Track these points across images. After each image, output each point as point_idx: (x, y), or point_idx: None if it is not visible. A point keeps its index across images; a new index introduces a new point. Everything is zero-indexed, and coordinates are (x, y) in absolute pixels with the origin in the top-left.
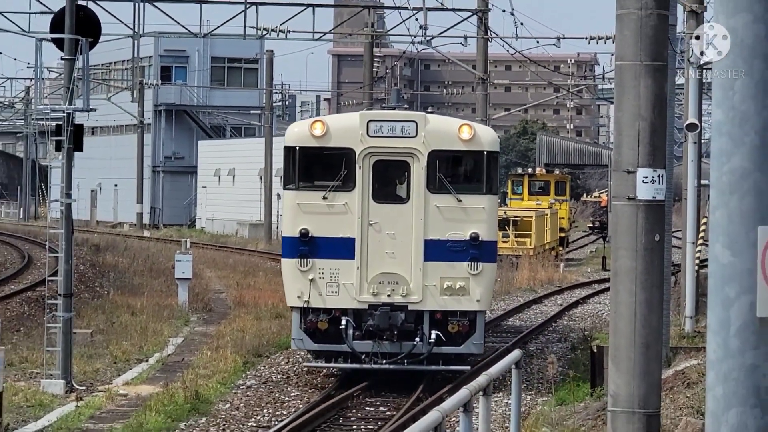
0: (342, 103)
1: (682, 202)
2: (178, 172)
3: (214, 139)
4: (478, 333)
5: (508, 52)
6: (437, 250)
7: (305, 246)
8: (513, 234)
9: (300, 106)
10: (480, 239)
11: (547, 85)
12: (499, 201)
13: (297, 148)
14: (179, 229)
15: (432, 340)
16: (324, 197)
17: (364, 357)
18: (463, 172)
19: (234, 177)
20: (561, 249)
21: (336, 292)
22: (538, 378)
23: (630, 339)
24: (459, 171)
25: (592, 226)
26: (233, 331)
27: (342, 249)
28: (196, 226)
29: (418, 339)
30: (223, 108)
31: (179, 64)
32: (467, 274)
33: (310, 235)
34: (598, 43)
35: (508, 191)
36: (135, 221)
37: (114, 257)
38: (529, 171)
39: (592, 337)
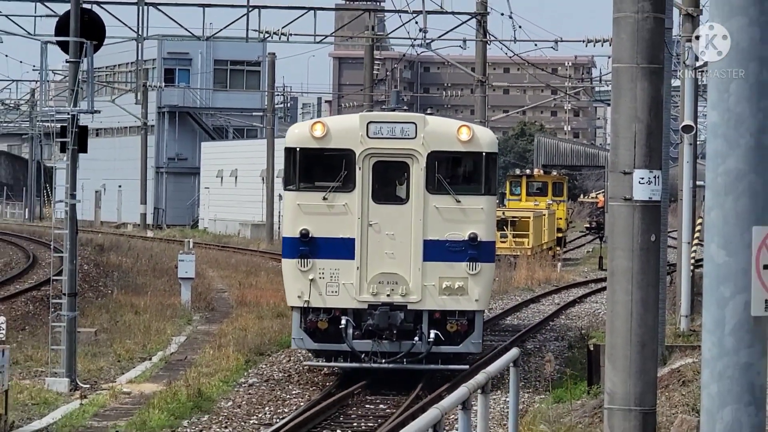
0: (343, 105)
1: (677, 202)
2: (181, 173)
3: (216, 141)
4: (476, 332)
5: (506, 54)
6: (436, 250)
7: (305, 246)
8: (511, 234)
9: (301, 108)
10: (478, 239)
11: (545, 88)
12: (498, 202)
13: (297, 149)
14: (182, 230)
15: (431, 339)
16: (324, 198)
17: (363, 356)
18: (462, 173)
19: (236, 178)
20: (558, 249)
21: (336, 291)
22: (535, 376)
23: (626, 338)
24: (458, 172)
25: (589, 226)
26: (235, 330)
27: (342, 249)
28: (198, 226)
29: (417, 338)
30: (226, 110)
31: (182, 66)
32: (466, 274)
33: (310, 236)
34: (595, 46)
35: (506, 192)
36: (139, 221)
37: (118, 257)
38: (527, 172)
39: (588, 336)
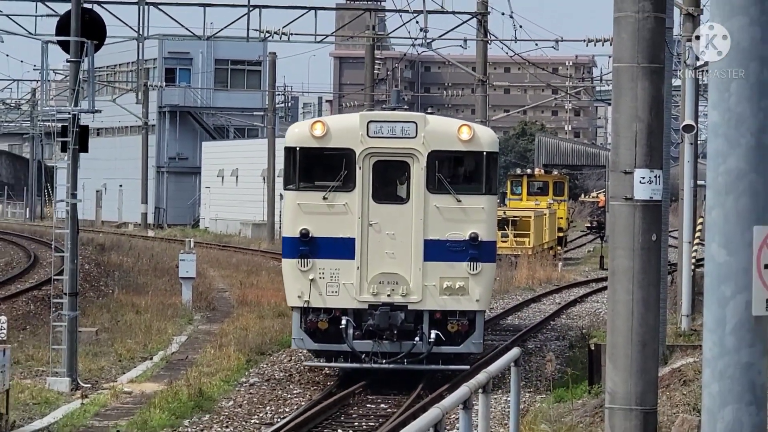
0: (343, 105)
1: (678, 202)
2: (182, 172)
3: (217, 140)
4: (477, 332)
5: (507, 54)
6: (437, 250)
7: (306, 246)
8: (512, 234)
9: (302, 107)
10: (479, 239)
11: (546, 87)
12: (498, 201)
13: (297, 148)
14: (183, 229)
15: (431, 339)
16: (324, 197)
17: (364, 356)
18: (463, 172)
19: (237, 177)
20: (559, 248)
21: (336, 291)
22: (536, 376)
23: (627, 337)
24: (458, 171)
25: (589, 225)
26: (236, 330)
27: (342, 249)
28: (199, 225)
29: (417, 338)
30: (227, 109)
31: (183, 66)
32: (467, 273)
33: (310, 235)
34: (595, 46)
35: (507, 191)
36: (139, 221)
37: (119, 257)
38: (528, 171)
39: (589, 336)
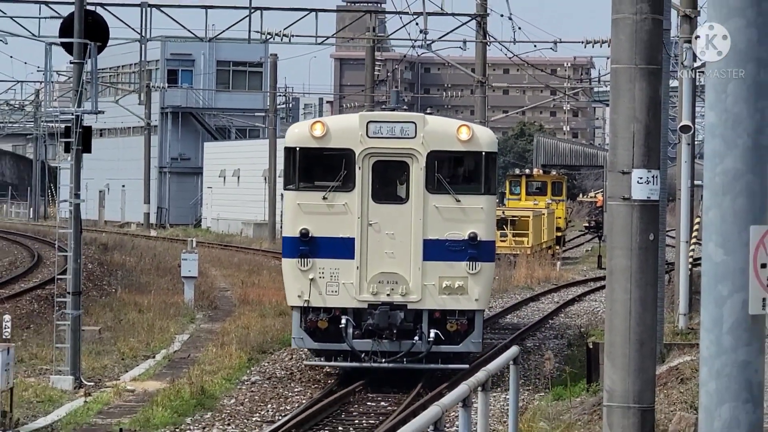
0: (344, 106)
1: (676, 202)
2: (184, 173)
3: (219, 141)
4: (476, 332)
5: (506, 55)
6: (436, 249)
7: (305, 246)
8: (511, 233)
9: (303, 108)
10: (478, 239)
11: (544, 88)
12: (497, 201)
13: (297, 148)
14: (185, 229)
15: (431, 338)
16: (324, 197)
17: (363, 356)
18: (462, 172)
19: (239, 178)
20: (557, 248)
21: (336, 291)
22: (535, 374)
23: (625, 336)
24: (458, 171)
25: (588, 225)
26: (238, 329)
27: (342, 249)
28: (201, 225)
29: (417, 338)
30: (228, 110)
31: (185, 67)
32: (466, 273)
33: (310, 235)
34: (594, 47)
35: (506, 191)
36: (142, 221)
37: (121, 256)
38: (527, 172)
39: (587, 334)
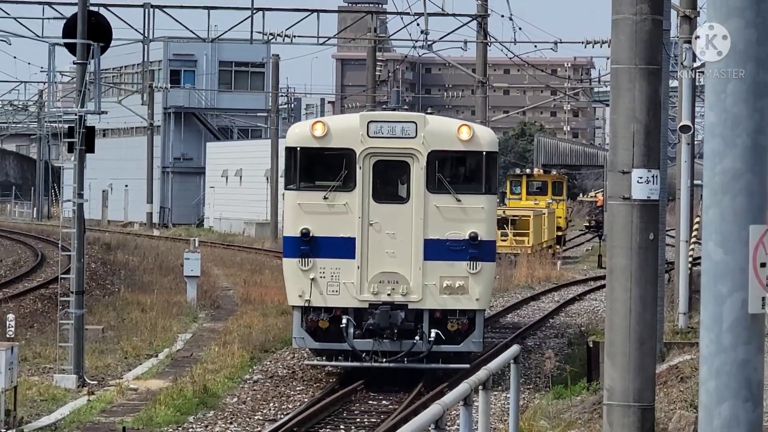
0: (346, 106)
1: (675, 201)
2: (186, 172)
3: (221, 141)
4: (477, 331)
5: (506, 56)
6: (437, 249)
7: (306, 245)
8: (511, 233)
9: (305, 108)
10: (479, 239)
11: (545, 88)
12: (498, 201)
13: (298, 148)
14: (188, 228)
15: (431, 338)
16: (325, 197)
17: (364, 355)
18: (463, 172)
19: (241, 177)
20: (558, 247)
21: (337, 291)
22: (535, 373)
23: (625, 334)
24: (458, 171)
25: (588, 225)
26: (240, 328)
27: (342, 248)
28: (204, 225)
29: (417, 337)
30: (231, 110)
31: (188, 68)
32: (466, 273)
33: (311, 235)
34: (594, 47)
35: (506, 191)
36: (145, 220)
37: (124, 256)
38: (527, 171)
39: (588, 333)
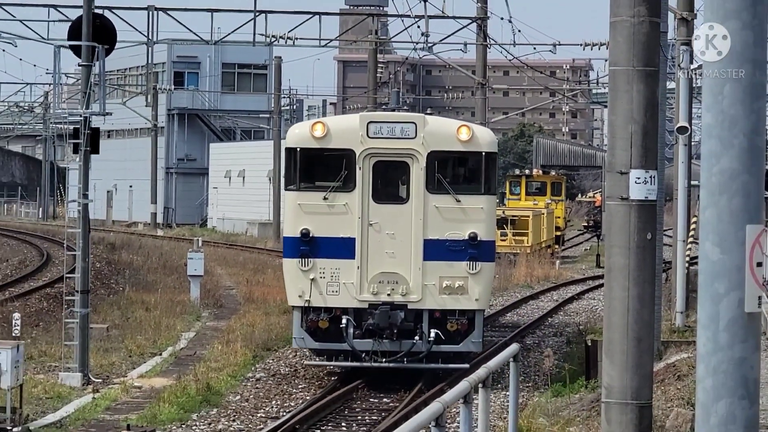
0: (347, 107)
1: (673, 201)
2: (190, 173)
3: (224, 142)
4: (476, 331)
5: (506, 58)
6: (436, 249)
7: (306, 246)
8: (511, 233)
9: (307, 110)
10: (478, 239)
11: (544, 90)
12: (498, 201)
13: (298, 149)
14: (191, 228)
15: (431, 338)
16: (325, 198)
17: (364, 355)
18: (462, 172)
19: (244, 178)
20: (557, 247)
21: (336, 291)
22: (535, 371)
23: (623, 333)
24: (458, 171)
25: (586, 225)
26: (243, 326)
27: (342, 249)
28: (207, 225)
29: (417, 337)
30: (234, 112)
31: (191, 69)
32: (466, 273)
33: (311, 235)
34: (592, 50)
35: (506, 192)
36: (149, 221)
37: (129, 255)
38: (526, 172)
39: (586, 332)
